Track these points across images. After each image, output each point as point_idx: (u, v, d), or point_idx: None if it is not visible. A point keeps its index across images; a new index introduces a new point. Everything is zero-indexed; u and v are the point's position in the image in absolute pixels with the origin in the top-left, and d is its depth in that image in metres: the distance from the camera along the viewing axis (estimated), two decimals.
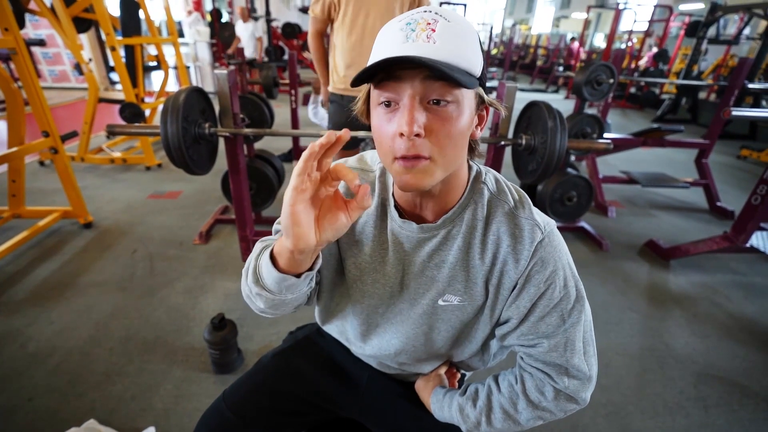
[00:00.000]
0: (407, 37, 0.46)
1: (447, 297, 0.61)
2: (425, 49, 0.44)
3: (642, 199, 3.34)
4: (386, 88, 0.47)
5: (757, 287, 2.18)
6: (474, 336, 0.66)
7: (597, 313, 1.88)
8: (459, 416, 0.66)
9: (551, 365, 0.59)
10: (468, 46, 0.47)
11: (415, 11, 0.48)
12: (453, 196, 0.58)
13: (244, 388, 0.75)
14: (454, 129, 0.48)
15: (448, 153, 0.49)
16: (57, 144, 2.21)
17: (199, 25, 6.55)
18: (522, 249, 0.56)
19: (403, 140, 0.47)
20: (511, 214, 0.58)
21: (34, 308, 1.73)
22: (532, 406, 0.60)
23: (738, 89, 2.93)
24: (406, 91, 0.46)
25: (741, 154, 4.77)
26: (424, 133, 0.47)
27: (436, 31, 0.45)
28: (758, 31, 6.94)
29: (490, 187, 0.60)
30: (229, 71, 1.48)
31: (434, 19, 0.46)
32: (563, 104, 7.51)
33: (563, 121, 1.44)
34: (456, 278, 0.60)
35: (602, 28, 17.55)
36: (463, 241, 0.59)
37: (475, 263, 0.59)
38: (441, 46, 0.45)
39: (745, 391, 1.50)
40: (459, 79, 0.43)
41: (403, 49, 0.45)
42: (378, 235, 0.63)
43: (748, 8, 4.89)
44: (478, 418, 0.64)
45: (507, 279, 0.58)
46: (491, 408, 0.64)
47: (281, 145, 3.95)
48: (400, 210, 0.61)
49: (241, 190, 1.71)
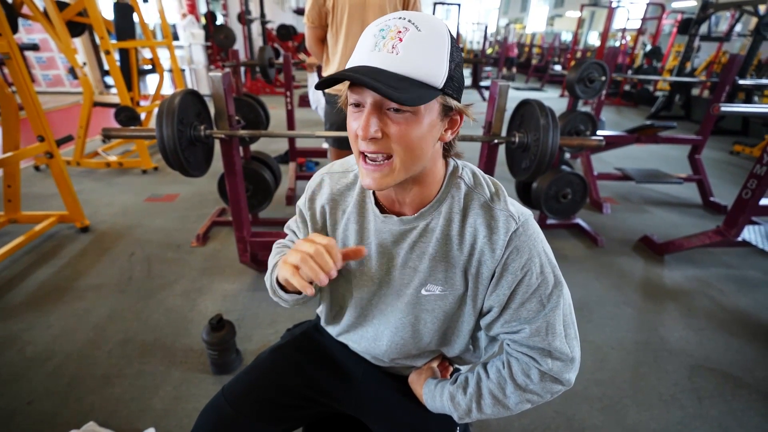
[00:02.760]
0: (375, 45, 0.49)
1: (429, 287, 0.64)
2: (385, 60, 0.48)
3: (636, 196, 3.36)
4: (354, 92, 0.52)
5: (749, 280, 2.20)
6: (461, 329, 0.69)
7: (592, 308, 1.90)
8: (450, 405, 0.68)
9: (535, 349, 0.61)
10: (432, 57, 0.49)
11: (392, 16, 0.50)
12: (429, 192, 0.62)
13: (244, 383, 0.76)
14: (411, 134, 0.51)
15: (406, 156, 0.53)
16: (52, 148, 2.21)
17: (194, 28, 6.54)
18: (497, 239, 0.59)
19: (365, 142, 0.52)
20: (487, 206, 0.61)
21: (31, 312, 1.73)
22: (519, 389, 0.63)
23: (729, 85, 2.96)
24: (368, 99, 0.51)
25: (734, 149, 4.82)
26: (380, 136, 0.51)
27: (403, 41, 0.48)
28: (749, 27, 6.99)
29: (467, 180, 0.63)
30: (223, 74, 1.49)
31: (405, 27, 0.48)
32: (557, 102, 7.54)
33: (555, 119, 1.46)
34: (437, 268, 0.63)
35: (596, 26, 17.64)
36: (441, 233, 0.62)
37: (453, 254, 0.62)
38: (402, 58, 0.48)
39: (738, 382, 1.52)
40: (402, 98, 0.46)
41: (369, 58, 0.49)
42: (359, 230, 0.67)
43: (738, 5, 4.94)
44: (469, 405, 0.66)
45: (485, 269, 0.61)
46: (481, 394, 0.66)
47: (277, 147, 3.95)
48: (381, 206, 0.65)
49: (237, 191, 1.71)
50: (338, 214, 0.70)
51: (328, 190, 0.70)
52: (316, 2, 1.70)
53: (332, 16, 1.72)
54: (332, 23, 1.74)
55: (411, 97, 0.47)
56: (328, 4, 1.69)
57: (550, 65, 11.08)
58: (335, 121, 1.91)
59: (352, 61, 0.51)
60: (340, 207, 0.70)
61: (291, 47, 8.02)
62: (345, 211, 0.69)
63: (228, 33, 6.63)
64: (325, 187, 0.71)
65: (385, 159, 0.53)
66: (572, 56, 10.42)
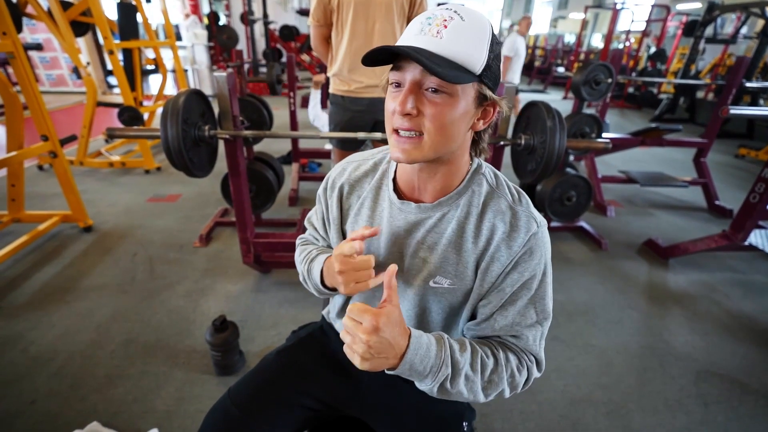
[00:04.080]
0: (421, 30, 0.52)
1: (438, 279, 0.64)
2: (430, 43, 0.51)
3: (641, 199, 3.35)
4: (396, 72, 0.54)
5: (756, 285, 2.19)
6: (460, 322, 0.69)
7: (597, 312, 1.89)
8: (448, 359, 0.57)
9: (525, 352, 0.64)
10: (473, 44, 0.51)
11: (441, 7, 0.53)
12: (451, 182, 0.63)
13: (250, 385, 0.76)
14: (445, 115, 0.53)
15: (437, 135, 0.54)
16: (56, 148, 2.21)
17: (197, 28, 6.55)
18: (517, 236, 0.60)
19: (398, 116, 0.54)
20: (509, 205, 0.62)
21: (34, 312, 1.73)
22: (510, 380, 0.61)
23: (736, 88, 2.94)
24: (408, 77, 0.53)
25: (739, 152, 4.79)
26: (416, 113, 0.53)
27: (448, 28, 0.51)
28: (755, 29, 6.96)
29: (489, 180, 0.65)
30: (228, 74, 1.48)
31: (450, 17, 0.51)
32: (561, 105, 7.53)
33: (562, 121, 1.45)
34: (447, 260, 0.63)
35: (600, 28, 17.59)
36: (458, 225, 0.63)
37: (467, 246, 0.62)
38: (445, 42, 0.50)
39: (744, 388, 1.51)
40: (442, 74, 0.48)
41: (415, 40, 0.52)
42: (371, 216, 0.69)
43: (745, 7, 4.92)
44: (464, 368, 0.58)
45: (497, 265, 0.61)
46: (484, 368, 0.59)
47: (280, 147, 3.95)
48: (399, 193, 0.66)
49: (241, 192, 1.71)
50: (353, 199, 0.71)
51: (348, 176, 0.72)
52: (321, 1, 1.69)
53: (337, 15, 1.72)
54: (337, 22, 1.74)
55: (449, 74, 0.49)
56: (333, 2, 1.68)
57: (554, 67, 11.05)
58: (339, 121, 1.91)
59: (399, 42, 0.54)
60: (356, 192, 0.71)
61: (294, 48, 8.02)
62: (360, 197, 0.70)
63: (231, 33, 6.64)
64: (346, 174, 0.72)
65: (417, 135, 0.55)
66: (576, 58, 10.40)
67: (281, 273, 2.07)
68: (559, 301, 1.95)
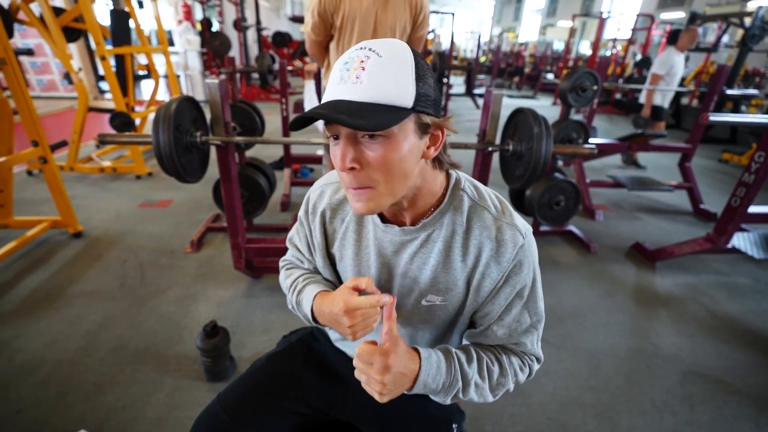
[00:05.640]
0: (341, 78, 0.50)
1: (430, 297, 0.65)
2: (350, 91, 0.49)
3: (628, 203, 3.41)
4: (329, 126, 0.52)
5: (739, 287, 2.24)
6: (454, 337, 0.71)
7: (585, 315, 1.92)
8: (458, 374, 0.61)
9: (527, 355, 0.68)
10: (396, 79, 0.49)
11: (355, 48, 0.51)
12: (426, 202, 0.62)
13: (239, 390, 0.76)
14: (389, 158, 0.51)
15: (388, 180, 0.52)
16: (46, 153, 2.20)
17: (190, 34, 6.56)
18: (505, 251, 0.60)
19: (345, 173, 0.52)
20: (493, 219, 0.61)
21: (22, 319, 1.70)
22: (515, 379, 0.67)
23: (717, 95, 3.02)
24: (342, 130, 0.51)
25: (722, 157, 4.90)
26: (360, 166, 0.51)
27: (366, 69, 0.48)
28: (736, 39, 7.16)
29: (470, 194, 0.64)
30: (220, 80, 1.50)
31: (367, 56, 0.49)
32: (550, 110, 7.64)
33: (548, 127, 1.48)
34: (437, 279, 0.64)
35: (588, 35, 17.93)
36: (444, 245, 0.62)
37: (456, 265, 0.63)
38: (365, 86, 0.48)
39: (729, 388, 1.54)
40: (367, 126, 0.46)
41: (336, 91, 0.50)
42: (357, 240, 0.68)
43: (725, 17, 5.06)
44: (473, 378, 0.62)
45: (488, 281, 0.62)
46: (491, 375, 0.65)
47: (273, 153, 3.96)
48: (382, 215, 0.66)
49: (232, 198, 1.71)
50: (336, 223, 0.71)
51: (328, 200, 0.70)
52: (324, 20, 1.64)
53: (339, 34, 1.68)
54: (339, 39, 1.69)
55: (374, 122, 0.47)
56: (337, 22, 1.64)
57: (543, 74, 11.23)
58: None
59: (324, 98, 0.52)
60: (338, 216, 0.70)
61: (286, 54, 8.06)
62: (344, 221, 0.70)
63: (224, 40, 6.65)
64: (325, 198, 0.71)
65: (367, 189, 0.53)
66: (564, 65, 10.58)
67: (272, 278, 2.07)
68: (548, 305, 1.98)
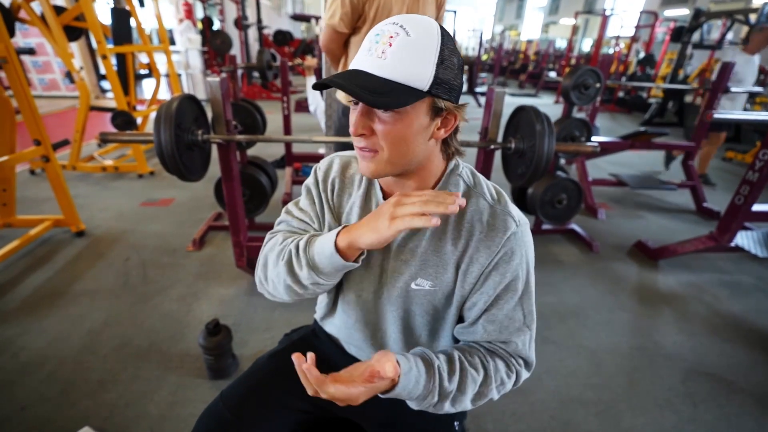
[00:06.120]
0: (369, 50, 0.52)
1: (419, 281, 0.65)
2: (374, 65, 0.51)
3: (631, 201, 3.40)
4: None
5: (742, 285, 2.23)
6: (447, 325, 0.71)
7: (588, 313, 1.92)
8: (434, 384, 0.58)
9: (515, 356, 0.65)
10: (417, 62, 0.51)
11: (388, 21, 0.53)
12: (426, 185, 0.63)
13: (242, 388, 0.76)
14: (396, 132, 0.54)
15: (391, 151, 0.55)
16: (48, 152, 2.21)
17: (191, 33, 6.55)
18: (494, 236, 0.60)
19: (354, 136, 0.56)
20: (487, 204, 0.63)
21: (25, 318, 1.71)
22: (500, 387, 0.63)
23: (721, 92, 3.00)
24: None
25: (726, 155, 4.88)
26: (369, 133, 0.55)
27: (392, 46, 0.50)
28: (740, 36, 7.12)
29: (466, 179, 0.65)
30: (221, 79, 1.50)
31: (396, 33, 0.50)
32: (552, 108, 7.61)
33: (551, 125, 1.48)
34: (428, 263, 0.64)
35: (590, 33, 17.85)
36: (436, 228, 0.63)
37: (447, 249, 0.63)
38: (388, 62, 0.50)
39: (731, 387, 1.54)
40: (380, 103, 0.50)
41: (361, 62, 0.53)
42: (362, 216, 0.68)
43: (729, 14, 5.03)
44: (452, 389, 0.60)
45: (476, 266, 0.62)
46: (465, 385, 0.61)
47: (274, 151, 3.95)
48: (384, 194, 0.67)
49: (234, 196, 1.71)
50: (344, 197, 0.71)
51: (339, 169, 0.72)
52: (355, 10, 1.55)
53: (370, 26, 1.56)
54: (367, 33, 1.65)
55: (386, 101, 0.50)
56: (369, 13, 1.55)
57: (545, 72, 11.19)
58: (345, 124, 1.83)
59: (351, 64, 0.55)
60: (347, 190, 0.71)
61: (287, 53, 8.06)
62: (351, 195, 0.70)
63: (225, 38, 6.65)
64: (336, 166, 0.72)
65: (372, 152, 0.56)
66: (567, 63, 10.54)
67: None
68: (550, 303, 1.98)
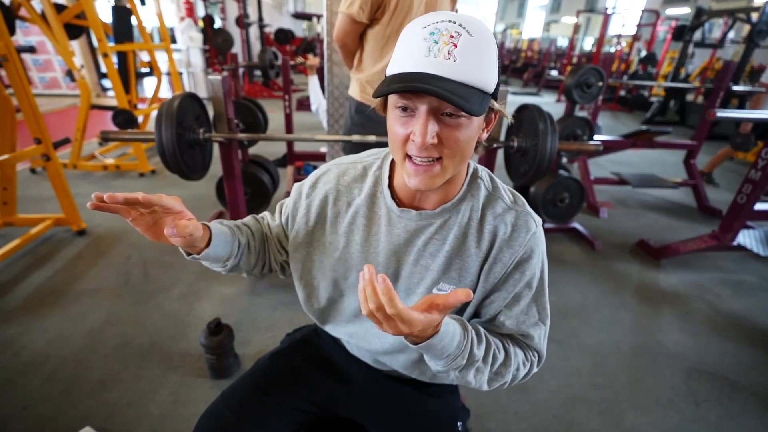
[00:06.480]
0: (429, 50, 0.47)
1: (442, 285, 0.64)
2: (444, 68, 0.47)
3: (633, 200, 3.39)
4: (405, 96, 0.50)
5: (744, 284, 2.22)
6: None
7: (590, 312, 1.91)
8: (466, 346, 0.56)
9: (531, 349, 0.66)
10: (486, 64, 0.49)
11: (440, 19, 0.48)
12: (452, 190, 0.63)
13: (243, 388, 0.76)
14: (464, 137, 0.52)
15: (455, 158, 0.54)
16: (49, 151, 2.20)
17: (192, 31, 6.54)
18: (518, 236, 0.61)
19: (416, 145, 0.51)
20: (508, 207, 0.63)
21: (27, 317, 1.71)
22: (515, 373, 0.63)
23: (723, 91, 2.99)
24: (423, 103, 0.49)
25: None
26: (438, 141, 0.51)
27: (458, 47, 0.47)
28: (742, 34, 7.09)
29: (486, 184, 0.65)
30: (223, 77, 1.49)
31: (457, 32, 0.47)
32: (554, 107, 7.59)
33: (554, 124, 1.47)
34: (451, 266, 0.63)
35: (592, 32, 17.80)
36: (460, 231, 0.63)
37: (471, 252, 0.63)
38: (460, 65, 0.47)
39: (734, 385, 1.53)
40: (470, 109, 0.47)
41: (425, 64, 0.47)
42: (368, 225, 0.66)
43: (731, 12, 5.01)
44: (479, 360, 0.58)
45: (499, 266, 0.62)
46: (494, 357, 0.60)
47: (276, 150, 3.95)
48: (397, 201, 0.65)
49: (236, 195, 1.71)
50: (342, 206, 0.68)
51: (335, 180, 0.69)
52: None
53: (391, 17, 1.46)
54: (388, 24, 1.47)
55: (476, 107, 0.48)
56: (390, 2, 1.43)
57: (547, 70, 11.17)
58: (358, 122, 1.69)
59: (401, 65, 0.50)
60: (344, 198, 0.68)
61: (289, 51, 8.04)
62: (351, 204, 0.67)
63: (226, 36, 6.63)
64: (332, 176, 0.69)
65: (435, 161, 0.53)
66: (568, 61, 10.52)
67: (276, 276, 2.07)
68: (552, 302, 1.95)
